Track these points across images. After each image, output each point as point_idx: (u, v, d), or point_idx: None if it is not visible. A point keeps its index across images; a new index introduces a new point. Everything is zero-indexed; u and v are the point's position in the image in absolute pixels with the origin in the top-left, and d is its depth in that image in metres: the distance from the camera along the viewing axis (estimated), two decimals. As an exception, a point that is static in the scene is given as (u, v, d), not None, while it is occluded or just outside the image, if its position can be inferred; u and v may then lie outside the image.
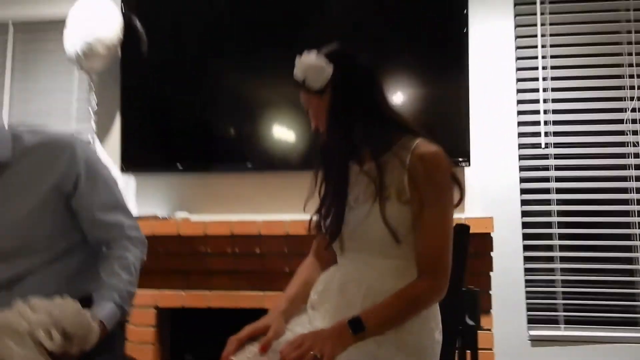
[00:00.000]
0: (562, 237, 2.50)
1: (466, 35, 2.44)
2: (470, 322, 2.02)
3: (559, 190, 2.50)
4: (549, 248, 2.50)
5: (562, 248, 2.49)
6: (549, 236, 2.50)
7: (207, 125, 2.61)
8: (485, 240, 2.25)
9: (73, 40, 2.50)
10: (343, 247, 1.33)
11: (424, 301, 1.25)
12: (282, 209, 2.37)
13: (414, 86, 2.48)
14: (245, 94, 2.58)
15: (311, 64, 1.30)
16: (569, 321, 2.45)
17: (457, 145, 2.40)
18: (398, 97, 2.46)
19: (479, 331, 1.98)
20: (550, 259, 2.50)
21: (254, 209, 2.52)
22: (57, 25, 2.70)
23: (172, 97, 2.64)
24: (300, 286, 1.37)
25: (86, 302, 1.30)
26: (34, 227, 1.38)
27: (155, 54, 2.64)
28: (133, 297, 1.44)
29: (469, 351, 1.69)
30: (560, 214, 2.50)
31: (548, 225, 2.51)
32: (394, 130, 1.32)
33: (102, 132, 2.74)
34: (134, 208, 2.63)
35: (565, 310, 2.46)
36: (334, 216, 1.33)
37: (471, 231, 2.14)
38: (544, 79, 2.53)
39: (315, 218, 1.39)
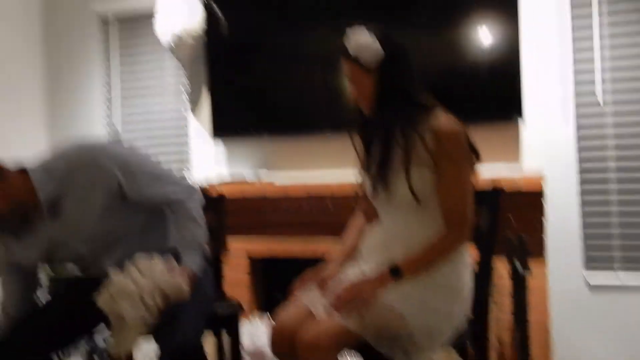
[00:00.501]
0: (621, 192, 2.52)
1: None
2: (519, 267, 2.22)
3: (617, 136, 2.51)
4: (605, 203, 2.53)
5: (621, 202, 2.52)
6: (605, 191, 2.53)
7: (287, 94, 2.88)
8: (536, 198, 2.36)
9: (163, 32, 2.90)
10: (382, 206, 1.57)
11: (448, 249, 1.48)
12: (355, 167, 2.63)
13: (463, 40, 2.55)
14: (319, 63, 2.75)
15: (364, 44, 1.46)
16: (627, 267, 2.49)
17: (509, 99, 2.48)
18: (446, 48, 2.54)
19: (529, 276, 2.17)
20: (606, 213, 2.54)
21: (328, 169, 2.79)
22: (151, 18, 3.08)
23: (253, 70, 2.93)
24: (352, 239, 1.66)
25: (172, 254, 1.61)
26: (109, 227, 1.66)
27: (236, 31, 2.92)
28: (206, 238, 1.70)
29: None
30: (620, 166, 2.51)
31: (604, 181, 2.53)
32: (419, 105, 1.51)
33: (195, 106, 3.14)
34: (224, 170, 3.03)
35: (623, 260, 2.51)
36: (375, 179, 1.53)
37: (524, 190, 2.29)
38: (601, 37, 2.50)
39: (359, 179, 1.63)
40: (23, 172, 1.61)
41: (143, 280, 1.42)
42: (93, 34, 3.35)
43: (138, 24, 3.27)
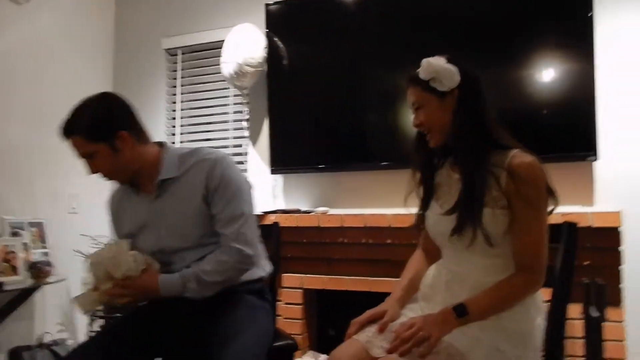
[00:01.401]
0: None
1: (591, 19, 2.37)
2: (595, 314, 2.07)
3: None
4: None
5: None
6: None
7: (344, 129, 2.86)
8: (613, 234, 2.23)
9: (227, 63, 2.96)
10: (447, 245, 1.48)
11: (519, 294, 1.37)
12: (410, 203, 2.57)
13: (537, 77, 2.47)
14: (377, 99, 2.78)
15: (443, 67, 1.40)
16: None
17: (584, 138, 2.36)
18: (520, 87, 2.48)
19: (606, 323, 2.03)
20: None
21: (385, 204, 2.73)
22: (215, 51, 3.19)
23: (313, 105, 2.94)
24: (412, 277, 1.57)
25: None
26: (193, 229, 1.65)
27: (297, 66, 2.95)
28: (204, 282, 1.60)
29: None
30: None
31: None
32: (491, 142, 1.42)
33: (255, 138, 3.17)
34: (282, 204, 3.02)
35: None
36: (442, 218, 1.43)
37: (598, 225, 2.18)
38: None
39: (419, 214, 1.55)
40: (160, 145, 1.73)
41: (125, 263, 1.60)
42: (159, 65, 3.47)
43: (202, 55, 3.37)
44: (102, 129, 1.58)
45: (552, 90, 2.46)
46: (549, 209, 1.40)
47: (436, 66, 1.41)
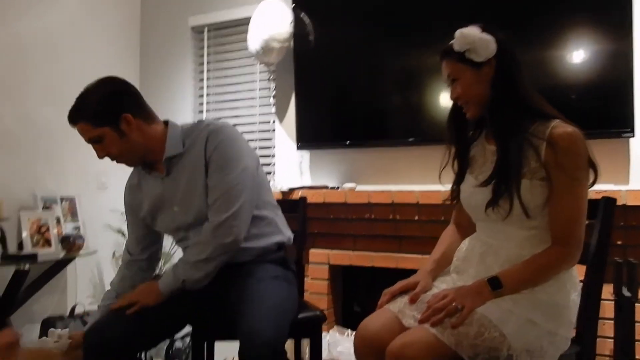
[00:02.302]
0: None
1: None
2: (627, 294, 2.03)
3: None
4: None
5: None
6: None
7: (371, 104, 2.83)
8: None
9: (253, 39, 2.95)
10: (482, 218, 1.46)
11: (554, 268, 1.35)
12: (443, 178, 2.55)
13: (572, 51, 2.39)
14: (403, 74, 2.75)
15: (478, 37, 1.37)
16: None
17: (620, 115, 2.29)
18: (557, 63, 2.42)
19: (639, 304, 1.99)
20: None
21: (412, 180, 2.72)
22: (241, 28, 3.17)
23: (340, 81, 2.91)
24: (444, 250, 1.56)
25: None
26: (203, 203, 1.66)
27: (323, 42, 2.91)
28: (190, 264, 1.62)
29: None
30: None
31: None
32: (531, 112, 1.40)
33: (281, 115, 3.17)
34: (308, 180, 3.03)
35: None
36: (478, 190, 1.42)
37: (632, 203, 2.13)
38: None
39: (453, 188, 1.54)
40: (165, 124, 1.74)
41: None
42: (186, 43, 3.48)
43: (229, 32, 3.37)
44: (107, 113, 1.60)
45: (588, 65, 2.38)
46: (589, 182, 1.38)
47: (471, 37, 1.38)
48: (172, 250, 2.89)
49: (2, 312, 2.45)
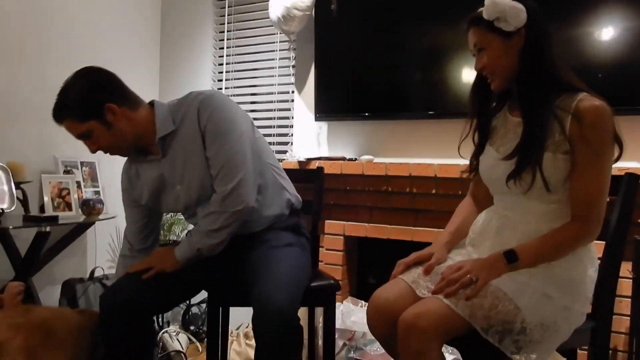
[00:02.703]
0: None
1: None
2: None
3: None
4: None
5: None
6: None
7: (391, 77, 2.79)
8: None
9: (274, 6, 2.91)
10: (501, 191, 1.45)
11: (573, 244, 1.34)
12: (457, 153, 2.52)
13: (602, 31, 2.32)
14: (424, 47, 2.70)
15: (509, 6, 1.33)
16: None
17: None
18: (586, 40, 2.36)
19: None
20: None
21: (430, 154, 2.69)
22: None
23: (360, 52, 2.86)
24: (460, 223, 1.55)
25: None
26: (206, 177, 1.63)
27: (345, 12, 2.86)
28: (203, 233, 1.62)
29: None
30: None
31: None
32: (558, 84, 1.36)
33: (300, 85, 3.14)
34: (326, 151, 3.02)
35: None
36: (499, 162, 1.40)
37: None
38: None
39: (472, 160, 1.52)
40: (151, 105, 1.69)
41: None
42: (207, 11, 3.45)
43: (251, 4, 3.32)
44: (90, 106, 1.57)
45: (617, 43, 2.30)
46: (614, 157, 1.35)
47: (502, 5, 1.34)
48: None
49: (24, 273, 2.51)
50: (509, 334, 1.24)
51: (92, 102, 1.57)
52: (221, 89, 3.40)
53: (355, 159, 2.79)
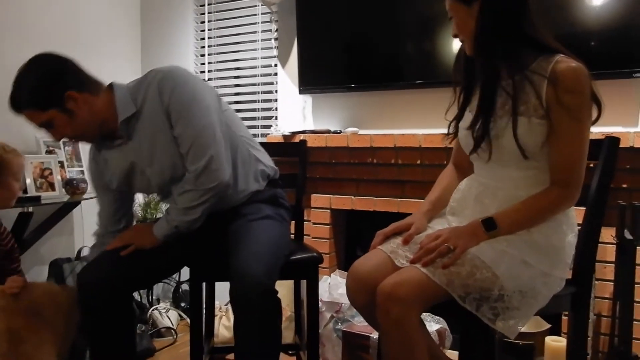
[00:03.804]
0: None
1: None
2: (629, 237, 2.01)
3: None
4: None
5: None
6: None
7: (374, 48, 2.74)
8: None
9: (255, -23, 2.84)
10: (480, 158, 1.43)
11: (552, 210, 1.33)
12: (442, 123, 2.51)
13: None
14: (410, 16, 2.64)
15: None
16: None
17: (629, 53, 2.17)
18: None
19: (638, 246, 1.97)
20: None
21: (415, 124, 2.67)
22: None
23: (343, 22, 2.81)
24: (441, 192, 1.54)
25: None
26: (175, 156, 1.60)
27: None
28: (178, 210, 1.60)
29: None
30: None
31: None
32: (534, 47, 1.34)
33: (283, 58, 3.09)
34: (311, 125, 2.98)
35: None
36: (475, 129, 1.38)
37: (636, 145, 2.06)
38: None
39: (454, 129, 1.50)
40: (110, 88, 1.64)
41: None
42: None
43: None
44: (48, 95, 1.52)
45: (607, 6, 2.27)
46: (592, 119, 1.33)
47: None
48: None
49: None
50: (487, 301, 1.24)
51: (50, 91, 1.52)
52: (204, 63, 3.35)
53: (340, 132, 2.77)
